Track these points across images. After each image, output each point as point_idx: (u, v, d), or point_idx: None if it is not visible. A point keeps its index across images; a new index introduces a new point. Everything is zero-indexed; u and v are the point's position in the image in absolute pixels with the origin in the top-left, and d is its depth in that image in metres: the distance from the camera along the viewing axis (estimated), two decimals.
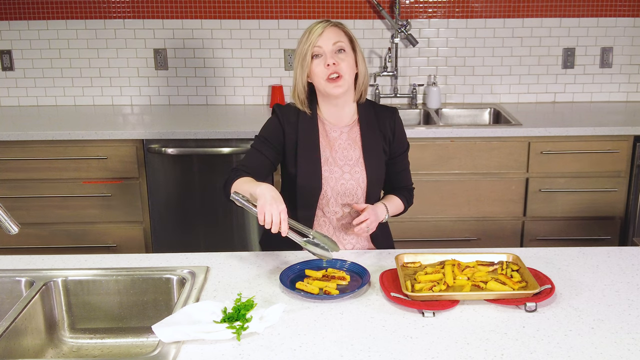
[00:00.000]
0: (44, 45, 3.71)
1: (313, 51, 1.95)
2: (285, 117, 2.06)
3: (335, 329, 1.54)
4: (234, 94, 3.80)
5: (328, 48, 1.95)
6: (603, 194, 3.32)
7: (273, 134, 2.05)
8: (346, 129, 2.08)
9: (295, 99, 2.06)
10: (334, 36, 1.96)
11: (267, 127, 2.09)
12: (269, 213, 1.72)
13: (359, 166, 2.06)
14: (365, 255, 1.95)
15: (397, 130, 2.12)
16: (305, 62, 1.96)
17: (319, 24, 1.97)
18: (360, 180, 2.05)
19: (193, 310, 1.59)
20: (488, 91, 3.81)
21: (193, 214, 3.34)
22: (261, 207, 1.74)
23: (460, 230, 3.37)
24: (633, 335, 1.50)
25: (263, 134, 2.07)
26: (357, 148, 2.07)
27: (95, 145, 3.23)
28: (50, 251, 3.05)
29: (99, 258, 1.93)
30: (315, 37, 1.93)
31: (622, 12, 3.68)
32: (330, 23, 1.97)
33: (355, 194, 2.06)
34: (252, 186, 1.82)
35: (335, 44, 1.95)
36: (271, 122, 2.09)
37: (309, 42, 1.94)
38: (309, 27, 1.99)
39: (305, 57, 1.95)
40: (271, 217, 1.72)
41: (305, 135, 2.04)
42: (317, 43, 1.94)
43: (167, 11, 3.66)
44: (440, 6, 3.68)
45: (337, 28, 1.98)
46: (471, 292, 1.66)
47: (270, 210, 1.72)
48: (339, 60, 1.95)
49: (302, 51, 1.96)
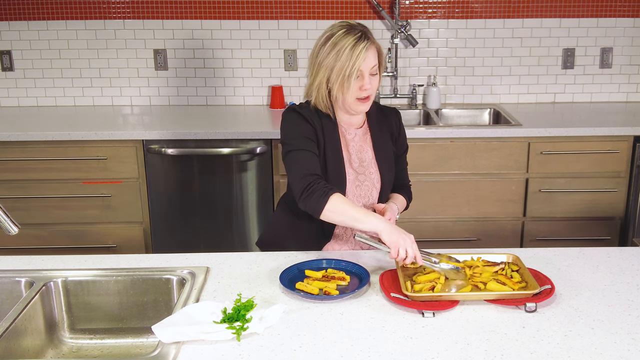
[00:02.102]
0: (43, 45, 3.71)
1: (356, 74, 1.91)
2: (310, 118, 2.00)
3: (335, 330, 1.54)
4: (233, 94, 3.80)
5: (367, 72, 1.92)
6: (603, 195, 3.32)
7: (310, 132, 1.98)
8: (359, 131, 2.08)
9: (319, 102, 2.00)
10: (373, 59, 1.92)
11: (300, 125, 1.99)
12: (403, 248, 1.75)
13: (372, 167, 2.06)
14: (365, 256, 1.95)
15: (401, 130, 2.16)
16: (349, 83, 1.90)
17: (360, 43, 1.89)
18: (375, 181, 2.06)
19: (193, 311, 1.59)
20: (488, 91, 3.81)
21: (193, 214, 3.34)
22: (394, 244, 1.75)
23: (460, 231, 3.37)
24: (633, 335, 1.50)
25: (302, 133, 1.97)
26: (370, 149, 2.07)
27: (95, 145, 3.23)
28: (50, 251, 3.04)
29: (99, 258, 1.93)
30: (361, 62, 1.89)
31: (622, 12, 3.68)
32: (369, 42, 1.91)
33: (371, 195, 2.07)
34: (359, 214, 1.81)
35: (372, 67, 1.93)
36: (300, 121, 1.99)
37: (353, 65, 1.88)
38: (347, 39, 1.89)
39: (349, 79, 1.90)
40: (405, 251, 1.75)
41: (330, 137, 2.01)
42: (361, 67, 1.90)
43: (167, 11, 3.66)
44: (440, 7, 3.68)
45: (374, 47, 1.93)
46: (471, 293, 1.66)
47: (404, 245, 1.75)
48: (372, 81, 1.94)
49: (343, 69, 1.89)
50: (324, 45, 1.93)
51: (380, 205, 2.02)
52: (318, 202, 1.85)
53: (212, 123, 3.43)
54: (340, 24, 1.95)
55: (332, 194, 1.85)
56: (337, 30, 1.92)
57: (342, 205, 1.84)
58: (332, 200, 1.84)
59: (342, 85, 1.91)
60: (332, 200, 1.84)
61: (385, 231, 1.76)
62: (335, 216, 1.85)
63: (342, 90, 1.92)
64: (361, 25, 1.95)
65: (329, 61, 1.91)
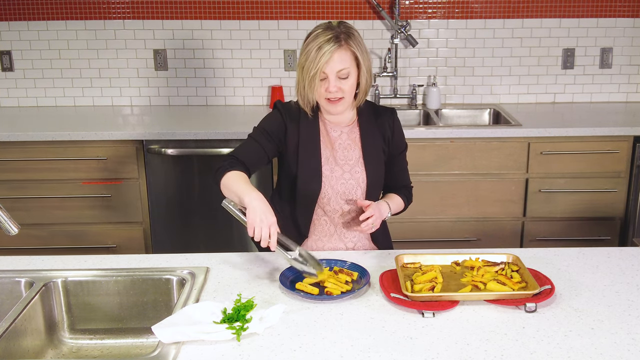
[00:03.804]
0: (43, 45, 3.71)
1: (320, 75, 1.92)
2: (288, 115, 2.05)
3: (335, 330, 1.54)
4: (233, 94, 3.80)
5: (332, 75, 1.92)
6: (603, 195, 3.32)
7: (274, 128, 2.04)
8: (346, 129, 2.08)
9: (300, 100, 2.03)
10: (340, 64, 1.91)
11: (269, 120, 2.07)
12: (258, 227, 1.73)
13: (359, 166, 2.06)
14: (365, 256, 1.95)
15: (396, 129, 2.13)
16: (313, 83, 1.93)
17: (327, 45, 1.89)
18: (360, 180, 2.06)
19: (193, 311, 1.59)
20: (488, 92, 3.81)
21: (193, 215, 3.34)
22: (251, 221, 1.74)
23: (460, 231, 3.37)
24: (633, 335, 1.50)
25: (264, 126, 2.06)
26: (357, 148, 2.07)
27: (94, 145, 3.23)
28: (50, 252, 3.04)
29: (98, 259, 1.93)
30: (323, 64, 1.89)
31: (622, 12, 3.69)
32: (338, 44, 1.90)
33: (355, 194, 2.06)
34: (243, 189, 1.81)
35: (340, 71, 1.92)
36: (273, 116, 2.07)
37: (316, 67, 1.90)
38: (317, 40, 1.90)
39: (313, 79, 1.92)
40: (261, 231, 1.72)
41: (307, 134, 2.04)
42: (324, 69, 1.91)
43: (167, 12, 3.66)
44: (440, 7, 3.68)
45: (345, 50, 1.91)
46: (471, 293, 1.66)
47: (260, 224, 1.73)
48: (341, 84, 1.94)
49: (309, 69, 1.92)
50: (304, 43, 1.97)
51: (365, 202, 2.01)
52: (215, 178, 1.92)
53: (212, 123, 3.43)
54: (322, 24, 1.97)
55: (230, 171, 1.90)
56: (314, 30, 1.95)
57: (230, 181, 1.87)
58: (226, 176, 1.89)
59: (310, 85, 1.94)
60: (226, 176, 1.89)
61: (250, 207, 1.75)
62: (225, 191, 1.89)
63: (310, 90, 1.95)
64: (343, 26, 1.94)
65: (301, 60, 1.96)
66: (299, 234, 2.09)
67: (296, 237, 2.06)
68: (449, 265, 1.84)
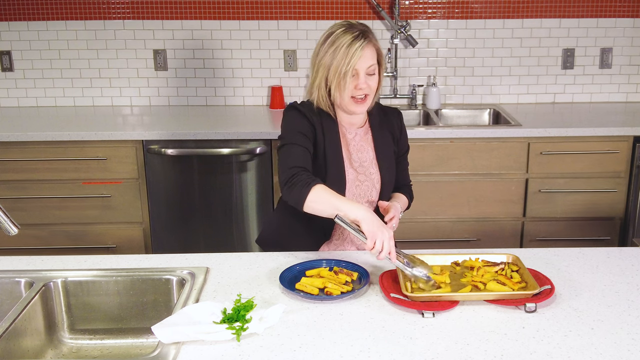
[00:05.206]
0: (43, 46, 3.71)
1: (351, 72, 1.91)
2: (310, 115, 2.00)
3: (335, 330, 1.54)
4: (233, 94, 3.80)
5: (363, 72, 1.92)
6: (603, 195, 3.32)
7: (307, 128, 1.97)
8: (360, 130, 2.08)
9: (320, 101, 2.00)
10: (370, 59, 1.91)
11: (297, 122, 1.99)
12: (379, 240, 1.70)
13: (373, 167, 2.06)
14: (365, 256, 1.95)
15: (403, 130, 2.16)
16: (344, 81, 1.90)
17: (357, 42, 1.88)
18: (375, 182, 2.06)
19: (193, 311, 1.58)
20: (488, 92, 3.81)
21: (193, 215, 3.34)
22: (371, 234, 1.71)
23: (460, 231, 3.37)
24: (633, 335, 1.50)
25: (297, 129, 1.96)
26: (370, 149, 2.07)
27: (94, 146, 3.23)
28: (49, 252, 3.04)
29: (98, 259, 1.93)
30: (356, 60, 1.88)
31: (622, 12, 3.69)
32: (367, 40, 1.90)
33: (371, 195, 2.07)
34: (346, 203, 1.77)
35: (369, 67, 1.92)
36: (298, 117, 1.99)
37: (349, 64, 1.88)
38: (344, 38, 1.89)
39: (345, 77, 1.90)
40: (382, 244, 1.70)
41: (331, 137, 2.01)
42: (356, 65, 1.90)
43: (167, 12, 3.67)
44: (440, 7, 3.68)
45: (371, 46, 1.92)
46: (471, 293, 1.66)
47: (381, 237, 1.70)
48: (369, 81, 1.94)
49: (339, 67, 1.89)
50: (323, 43, 1.94)
51: (384, 203, 2.01)
52: (300, 193, 1.82)
53: (212, 123, 3.43)
54: (341, 23, 1.95)
55: (315, 185, 1.82)
56: (336, 29, 1.93)
57: (324, 193, 1.81)
58: (314, 190, 1.81)
59: (339, 83, 1.92)
60: (314, 190, 1.81)
61: (366, 220, 1.72)
62: (317, 205, 1.81)
63: (339, 89, 1.93)
64: (362, 25, 1.95)
65: (327, 60, 1.92)
66: (323, 235, 2.08)
67: (319, 238, 2.06)
68: (448, 265, 1.84)
